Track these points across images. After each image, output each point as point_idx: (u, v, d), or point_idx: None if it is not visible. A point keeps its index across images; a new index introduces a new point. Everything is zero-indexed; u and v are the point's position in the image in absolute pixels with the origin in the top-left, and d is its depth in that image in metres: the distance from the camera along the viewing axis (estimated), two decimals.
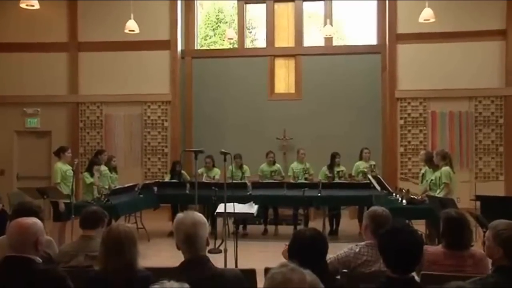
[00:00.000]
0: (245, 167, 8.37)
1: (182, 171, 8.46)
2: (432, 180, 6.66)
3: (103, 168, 7.58)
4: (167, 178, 8.51)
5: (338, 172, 8.21)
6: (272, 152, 8.54)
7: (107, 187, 7.47)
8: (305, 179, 8.30)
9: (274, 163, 8.52)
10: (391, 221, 3.03)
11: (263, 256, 6.42)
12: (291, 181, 8.22)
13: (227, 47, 10.79)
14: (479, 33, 8.96)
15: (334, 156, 8.20)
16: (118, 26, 8.73)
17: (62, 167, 6.88)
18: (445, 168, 6.42)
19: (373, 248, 2.98)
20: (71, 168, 6.84)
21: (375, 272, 2.91)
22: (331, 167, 8.21)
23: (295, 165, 8.45)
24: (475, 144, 9.13)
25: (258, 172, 8.49)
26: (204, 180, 8.08)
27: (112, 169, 7.89)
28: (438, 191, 6.39)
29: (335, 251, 2.90)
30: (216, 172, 8.32)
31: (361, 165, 8.21)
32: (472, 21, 9.00)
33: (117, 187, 7.58)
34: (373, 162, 8.30)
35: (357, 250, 3.05)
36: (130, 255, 2.48)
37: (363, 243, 3.11)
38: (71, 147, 9.31)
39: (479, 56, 9.04)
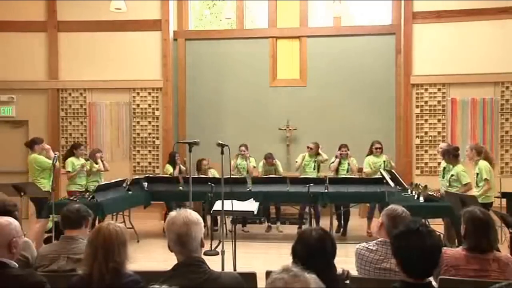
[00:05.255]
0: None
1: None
2: (452, 175, 6.68)
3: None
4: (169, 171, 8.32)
5: (348, 163, 8.16)
6: (271, 158, 8.52)
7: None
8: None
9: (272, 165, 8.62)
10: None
11: (265, 258, 6.46)
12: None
13: (224, 28, 10.73)
14: (506, 10, 8.86)
15: (340, 148, 8.19)
16: (102, 3, 8.66)
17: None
18: (484, 163, 6.40)
19: (383, 246, 3.04)
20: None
21: (388, 276, 2.93)
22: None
23: (307, 158, 8.43)
24: (500, 135, 9.09)
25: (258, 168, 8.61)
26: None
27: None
28: (476, 189, 6.38)
29: (344, 253, 2.91)
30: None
31: (371, 160, 8.16)
32: None
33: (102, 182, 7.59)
34: (384, 158, 8.20)
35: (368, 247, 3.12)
36: (119, 258, 2.48)
37: (373, 241, 3.16)
38: (51, 139, 9.40)
39: (505, 36, 8.95)
